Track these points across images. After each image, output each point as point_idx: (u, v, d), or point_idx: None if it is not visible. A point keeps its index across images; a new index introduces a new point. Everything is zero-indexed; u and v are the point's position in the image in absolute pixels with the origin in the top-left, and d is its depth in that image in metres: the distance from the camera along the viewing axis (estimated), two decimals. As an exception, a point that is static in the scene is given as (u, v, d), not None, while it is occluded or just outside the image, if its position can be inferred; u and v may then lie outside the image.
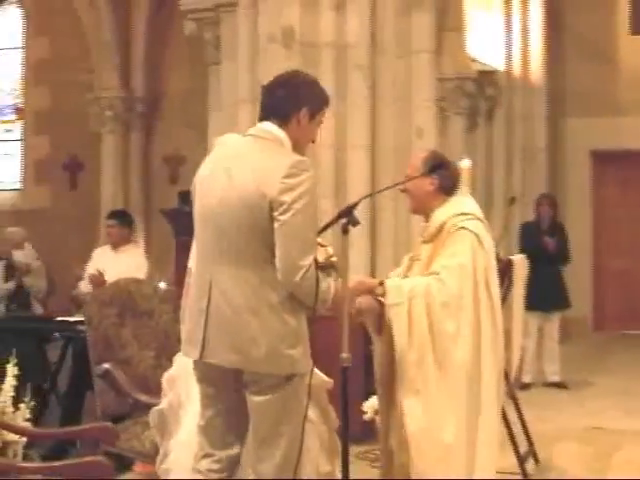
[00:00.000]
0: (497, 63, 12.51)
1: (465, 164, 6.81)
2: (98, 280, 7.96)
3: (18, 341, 8.90)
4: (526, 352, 10.05)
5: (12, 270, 10.00)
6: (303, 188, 3.83)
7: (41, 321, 8.68)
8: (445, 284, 4.47)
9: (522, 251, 10.12)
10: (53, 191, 15.33)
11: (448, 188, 4.82)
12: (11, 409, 4.89)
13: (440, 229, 4.70)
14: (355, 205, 4.02)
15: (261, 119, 4.07)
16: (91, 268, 8.43)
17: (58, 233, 14.32)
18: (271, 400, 3.91)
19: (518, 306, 6.53)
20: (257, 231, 3.85)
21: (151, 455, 4.94)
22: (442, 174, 4.81)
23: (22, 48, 15.55)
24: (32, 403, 4.98)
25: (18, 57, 15.63)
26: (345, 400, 4.00)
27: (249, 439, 4.06)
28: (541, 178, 12.85)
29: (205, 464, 4.07)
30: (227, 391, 4.04)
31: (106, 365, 5.47)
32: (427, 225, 4.83)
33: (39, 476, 3.97)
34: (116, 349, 5.63)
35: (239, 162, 3.94)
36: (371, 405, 6.32)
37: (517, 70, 12.76)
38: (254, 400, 3.95)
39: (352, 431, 6.00)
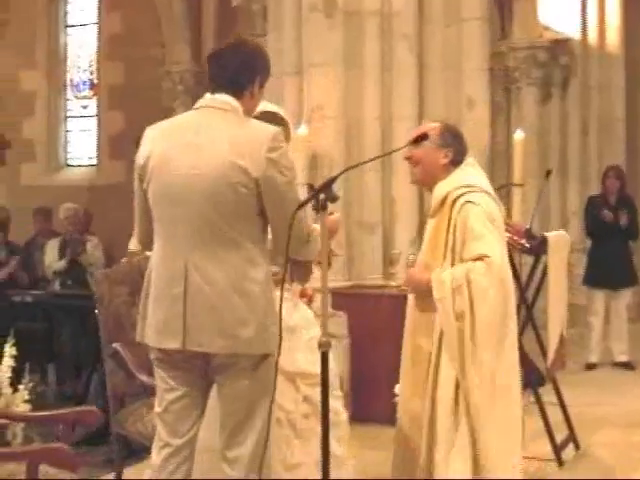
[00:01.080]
0: (571, 31, 12.00)
1: (518, 136, 6.57)
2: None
3: (68, 318, 8.92)
4: (592, 330, 9.69)
5: (67, 247, 9.94)
6: (286, 162, 3.73)
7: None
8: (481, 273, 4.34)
9: (587, 226, 9.74)
10: (128, 166, 15.31)
11: (458, 162, 4.68)
12: (9, 390, 4.82)
13: (442, 202, 4.55)
14: (334, 179, 3.77)
15: (213, 91, 3.84)
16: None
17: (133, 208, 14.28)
18: (248, 382, 3.74)
19: (555, 290, 6.13)
20: (238, 207, 3.68)
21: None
22: (457, 148, 4.69)
23: (96, 23, 15.53)
24: (30, 384, 4.90)
25: (93, 32, 15.61)
26: (325, 387, 3.75)
27: (209, 426, 3.91)
28: (618, 150, 12.31)
29: (164, 454, 3.85)
30: (192, 375, 3.84)
31: (115, 345, 5.31)
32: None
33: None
34: (127, 329, 5.45)
35: (206, 135, 3.73)
36: (403, 387, 6.13)
37: (593, 38, 12.21)
38: (229, 384, 3.76)
39: (384, 414, 5.94)
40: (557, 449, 5.87)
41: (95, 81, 15.80)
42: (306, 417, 4.36)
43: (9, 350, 4.86)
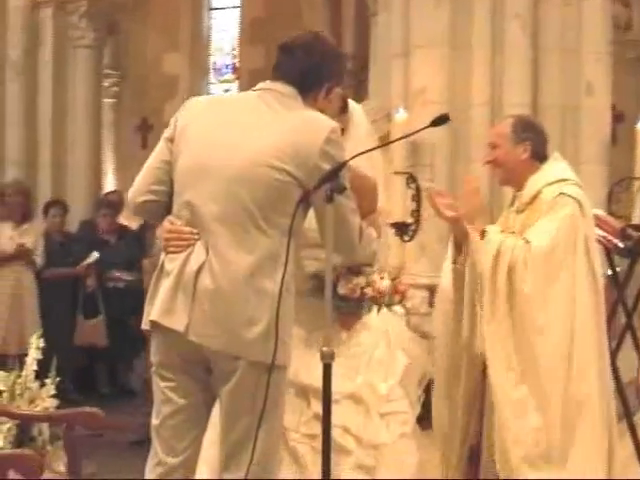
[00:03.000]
0: None
1: (641, 126, 6.16)
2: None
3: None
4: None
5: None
6: (341, 159, 3.39)
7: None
8: (534, 250, 4.21)
9: None
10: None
11: (541, 154, 4.48)
12: (35, 384, 4.59)
13: (535, 197, 4.39)
14: (341, 167, 3.31)
15: (276, 80, 3.53)
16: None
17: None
18: (249, 397, 3.33)
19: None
20: (275, 194, 3.34)
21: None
22: (534, 139, 4.47)
23: (239, 7, 15.41)
24: (58, 379, 4.66)
25: (236, 16, 15.51)
26: (328, 401, 3.32)
27: (210, 444, 3.55)
28: None
29: (157, 472, 3.48)
30: (192, 386, 3.47)
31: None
32: (520, 194, 4.49)
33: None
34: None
35: (257, 116, 3.44)
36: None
37: None
38: (227, 395, 3.38)
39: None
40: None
41: (237, 65, 15.67)
42: (312, 438, 3.85)
43: (35, 342, 4.61)
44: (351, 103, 4.29)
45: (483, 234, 4.33)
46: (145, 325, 3.49)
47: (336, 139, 3.41)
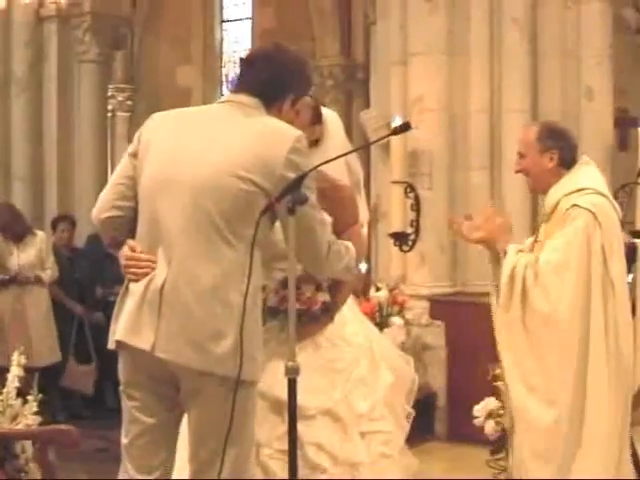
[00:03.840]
0: None
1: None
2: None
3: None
4: None
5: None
6: (307, 168, 3.29)
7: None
8: (543, 266, 4.18)
9: None
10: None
11: (569, 161, 4.37)
12: (17, 402, 4.52)
13: (554, 208, 4.33)
14: (303, 177, 3.22)
15: (238, 92, 3.46)
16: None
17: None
18: (217, 414, 3.23)
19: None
20: (241, 205, 3.25)
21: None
22: (561, 147, 4.36)
23: (250, 18, 15.38)
24: (40, 395, 4.59)
25: (248, 28, 15.47)
26: (293, 418, 3.23)
27: (179, 463, 3.44)
28: None
29: None
30: (162, 403, 3.37)
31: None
32: (543, 204, 4.50)
33: None
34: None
35: (226, 126, 3.36)
36: (483, 408, 5.60)
37: None
38: (196, 412, 3.29)
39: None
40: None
41: (250, 76, 15.62)
42: (286, 454, 3.73)
43: (17, 359, 4.55)
44: (325, 112, 4.18)
45: (505, 254, 4.32)
46: (111, 345, 3.40)
47: (301, 148, 3.32)
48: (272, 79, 3.40)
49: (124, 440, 3.41)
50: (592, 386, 4.18)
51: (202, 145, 3.31)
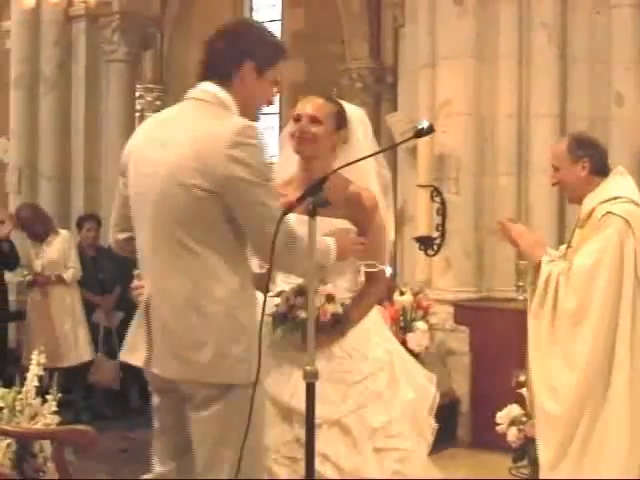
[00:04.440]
0: None
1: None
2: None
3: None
4: None
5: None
6: (253, 160, 3.12)
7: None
8: (575, 270, 4.36)
9: None
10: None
11: (601, 169, 4.55)
12: (36, 401, 4.52)
13: (589, 215, 4.47)
14: (324, 180, 3.18)
15: (200, 79, 3.33)
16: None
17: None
18: (209, 417, 3.21)
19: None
20: (197, 213, 3.18)
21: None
22: (592, 155, 4.54)
23: (280, 20, 15.36)
24: (59, 394, 4.59)
25: (278, 29, 15.44)
26: (311, 421, 3.20)
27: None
28: None
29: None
30: (171, 408, 3.39)
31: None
32: (579, 211, 4.63)
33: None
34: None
35: (174, 130, 3.24)
36: (506, 415, 5.55)
37: None
38: (192, 417, 3.27)
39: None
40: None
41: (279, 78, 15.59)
42: (292, 461, 3.67)
43: (36, 358, 4.55)
44: (350, 113, 3.99)
45: (539, 265, 4.48)
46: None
47: (242, 140, 3.12)
48: (225, 51, 3.28)
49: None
50: (615, 387, 4.31)
51: (156, 154, 3.24)
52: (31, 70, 10.30)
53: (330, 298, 3.67)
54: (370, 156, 3.61)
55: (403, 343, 6.39)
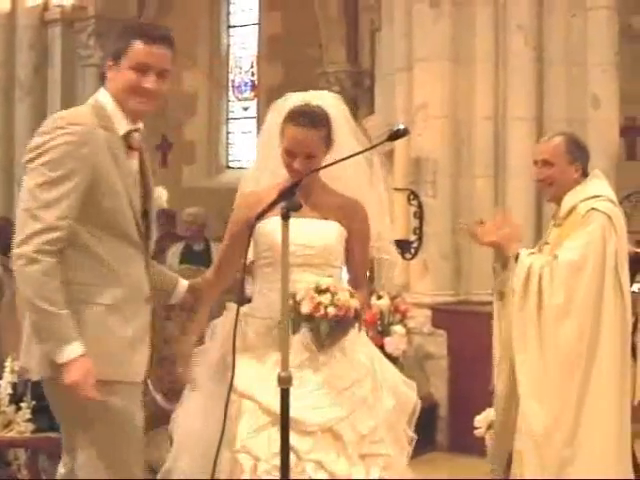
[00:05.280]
0: None
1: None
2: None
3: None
4: None
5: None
6: (43, 148, 3.25)
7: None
8: (560, 264, 4.41)
9: None
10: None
11: (586, 172, 4.66)
12: (10, 409, 4.48)
13: (570, 212, 4.54)
14: (297, 184, 3.18)
15: None
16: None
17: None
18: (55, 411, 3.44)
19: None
20: None
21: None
22: (584, 158, 4.66)
23: (257, 24, 15.32)
24: (33, 402, 4.54)
25: (255, 33, 15.41)
26: (286, 426, 3.17)
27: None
28: None
29: None
30: None
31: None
32: (558, 209, 4.67)
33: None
34: (159, 345, 5.03)
35: None
36: (484, 419, 5.53)
37: None
38: None
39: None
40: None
41: (256, 82, 15.57)
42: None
43: (10, 365, 4.50)
44: (330, 111, 3.89)
45: (516, 258, 4.52)
46: None
47: (43, 131, 3.29)
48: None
49: None
50: (596, 384, 4.40)
51: None
52: (6, 74, 10.27)
53: (352, 294, 3.65)
54: (348, 158, 3.56)
55: (381, 347, 6.39)
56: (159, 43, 3.41)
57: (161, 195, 7.30)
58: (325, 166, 3.61)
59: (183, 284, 3.78)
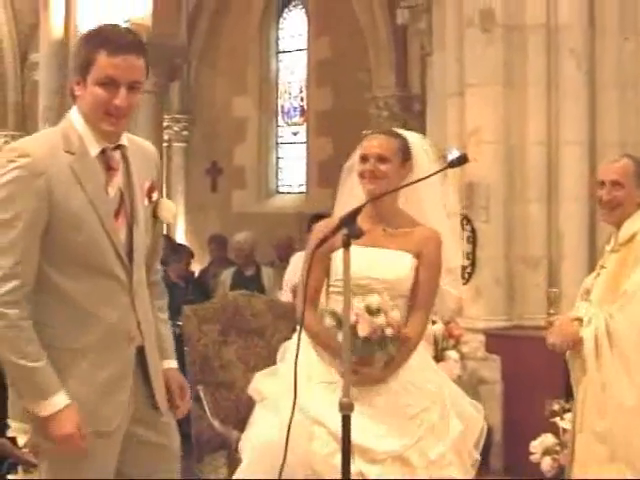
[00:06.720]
0: None
1: None
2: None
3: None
4: None
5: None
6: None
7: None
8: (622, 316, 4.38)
9: None
10: (334, 194, 15.01)
11: None
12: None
13: (631, 239, 4.50)
14: (358, 211, 3.19)
15: None
16: (289, 274, 7.96)
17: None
18: None
19: None
20: None
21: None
22: None
23: (305, 49, 15.40)
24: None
25: (303, 58, 15.50)
26: (347, 452, 3.18)
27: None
28: None
29: None
30: None
31: (198, 387, 4.92)
32: (616, 234, 4.61)
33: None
34: (216, 370, 5.08)
35: None
36: (539, 445, 5.51)
37: None
38: None
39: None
40: None
41: (305, 107, 15.64)
42: None
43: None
44: (412, 139, 4.06)
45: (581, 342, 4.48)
46: None
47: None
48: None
49: None
50: None
51: None
52: (60, 101, 10.35)
53: (393, 307, 3.71)
54: (406, 186, 3.61)
55: (435, 372, 6.38)
56: (125, 52, 3.05)
57: (170, 208, 7.18)
58: (400, 188, 3.66)
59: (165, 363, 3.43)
